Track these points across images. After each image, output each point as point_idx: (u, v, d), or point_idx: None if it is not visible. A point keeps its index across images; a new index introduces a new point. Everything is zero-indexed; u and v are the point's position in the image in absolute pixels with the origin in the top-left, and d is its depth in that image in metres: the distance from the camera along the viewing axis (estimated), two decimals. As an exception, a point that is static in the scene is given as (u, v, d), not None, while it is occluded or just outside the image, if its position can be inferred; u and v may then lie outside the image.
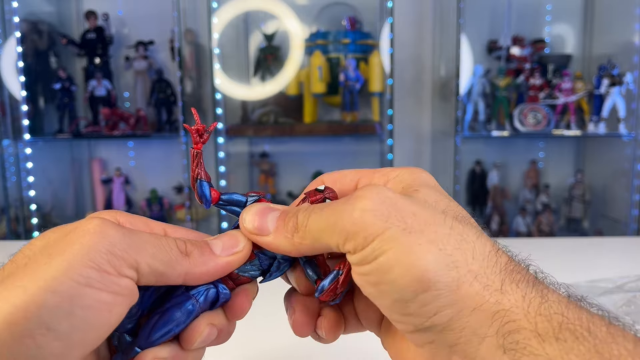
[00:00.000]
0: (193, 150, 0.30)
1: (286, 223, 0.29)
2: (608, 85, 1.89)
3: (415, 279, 0.24)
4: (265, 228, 0.29)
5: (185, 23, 2.01)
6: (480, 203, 2.16)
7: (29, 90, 2.00)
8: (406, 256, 0.25)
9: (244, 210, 0.30)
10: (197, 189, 0.30)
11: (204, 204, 0.31)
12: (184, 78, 1.99)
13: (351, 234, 0.26)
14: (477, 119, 2.02)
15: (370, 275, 0.26)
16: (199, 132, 0.30)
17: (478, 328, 0.24)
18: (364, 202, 0.26)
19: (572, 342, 0.22)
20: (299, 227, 0.28)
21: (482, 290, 0.24)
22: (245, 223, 0.30)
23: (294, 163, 2.26)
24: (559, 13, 2.15)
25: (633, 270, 0.67)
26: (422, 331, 0.25)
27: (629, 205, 1.93)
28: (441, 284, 0.24)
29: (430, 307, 0.24)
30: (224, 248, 0.29)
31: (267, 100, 2.11)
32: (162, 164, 2.24)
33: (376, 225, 0.25)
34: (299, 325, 0.31)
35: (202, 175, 0.30)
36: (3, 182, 2.02)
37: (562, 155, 2.24)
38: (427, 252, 0.25)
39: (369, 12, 2.13)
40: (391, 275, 0.25)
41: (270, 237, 0.29)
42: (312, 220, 0.28)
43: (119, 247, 0.25)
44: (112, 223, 0.26)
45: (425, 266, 0.24)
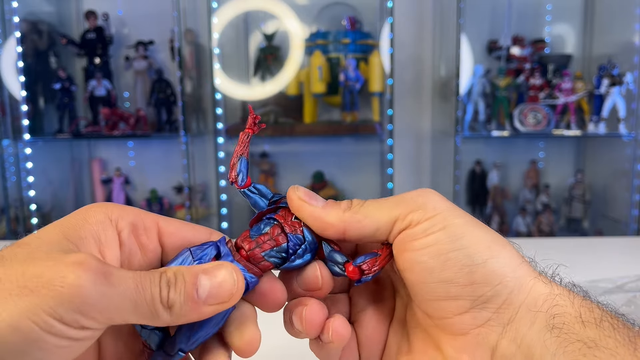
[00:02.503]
0: (244, 133, 0.32)
1: (338, 202, 0.30)
2: (608, 85, 1.89)
3: (487, 245, 0.27)
4: (315, 200, 0.30)
5: (185, 23, 2.00)
6: (480, 203, 2.16)
7: (29, 90, 1.99)
8: (475, 228, 0.28)
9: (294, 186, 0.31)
10: (237, 166, 0.31)
11: (239, 180, 0.31)
12: (184, 78, 1.99)
13: (418, 205, 0.28)
14: (477, 119, 2.02)
15: (435, 245, 0.27)
16: (255, 120, 0.32)
17: (533, 305, 0.26)
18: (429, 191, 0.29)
19: (610, 331, 0.24)
20: (353, 205, 0.30)
21: (539, 275, 0.27)
22: (297, 189, 0.30)
23: (294, 163, 2.26)
24: (559, 13, 2.15)
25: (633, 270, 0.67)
26: (479, 307, 0.27)
27: (629, 205, 1.93)
28: (505, 256, 0.27)
29: (497, 275, 0.26)
30: (210, 295, 0.26)
31: (267, 100, 2.11)
32: (162, 164, 2.24)
33: (443, 204, 0.28)
34: (312, 317, 0.30)
35: (246, 154, 0.32)
36: (3, 182, 2.02)
37: (562, 155, 2.23)
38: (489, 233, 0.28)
39: (369, 12, 2.13)
40: (462, 241, 0.27)
41: (319, 208, 0.30)
42: (369, 202, 0.29)
43: (90, 306, 0.23)
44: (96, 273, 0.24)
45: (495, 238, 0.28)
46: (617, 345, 0.24)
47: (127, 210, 0.30)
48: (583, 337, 0.24)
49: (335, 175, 2.23)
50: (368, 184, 2.20)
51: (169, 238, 0.30)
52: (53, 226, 0.27)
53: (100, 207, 0.29)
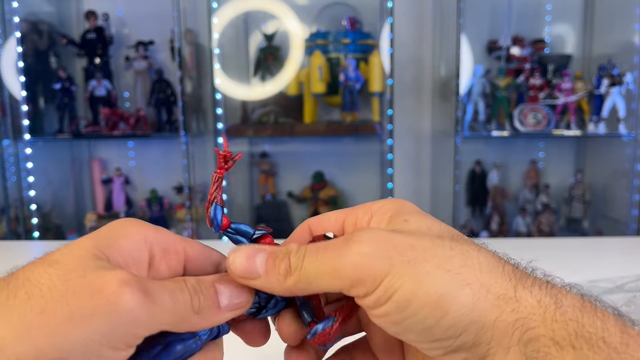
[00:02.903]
0: (215, 174, 0.31)
1: (277, 265, 0.28)
2: (608, 85, 1.89)
3: (433, 306, 0.25)
4: (255, 271, 0.28)
5: (185, 23, 2.01)
6: (480, 203, 2.16)
7: (29, 90, 2.00)
8: (419, 287, 0.25)
9: (231, 252, 0.30)
10: (211, 212, 0.31)
11: (214, 228, 0.31)
12: (184, 78, 1.99)
13: (357, 280, 0.26)
14: (477, 119, 2.02)
15: (389, 315, 0.26)
16: (225, 158, 0.31)
17: (502, 338, 0.24)
18: (361, 246, 0.26)
19: (587, 350, 0.23)
20: (292, 269, 0.28)
21: (498, 300, 0.25)
22: (233, 267, 0.29)
23: (294, 163, 2.26)
24: (559, 13, 2.15)
25: (633, 270, 0.67)
26: (453, 352, 0.26)
27: (629, 205, 1.93)
28: (458, 304, 0.25)
29: (455, 329, 0.25)
30: (231, 300, 0.28)
31: (267, 100, 2.11)
32: (162, 164, 2.24)
33: (380, 266, 0.26)
34: None
35: (219, 199, 0.31)
36: (3, 182, 2.02)
37: (562, 155, 2.24)
38: (437, 278, 0.25)
39: (369, 12, 2.13)
40: (409, 309, 0.25)
41: (261, 280, 0.28)
42: (307, 263, 0.27)
43: (140, 326, 0.24)
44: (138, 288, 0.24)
45: (440, 292, 0.25)
46: None
47: (162, 234, 0.29)
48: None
49: (335, 175, 2.23)
50: (368, 184, 2.20)
51: (190, 262, 0.31)
52: (86, 239, 0.27)
53: (138, 227, 0.29)
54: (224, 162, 0.31)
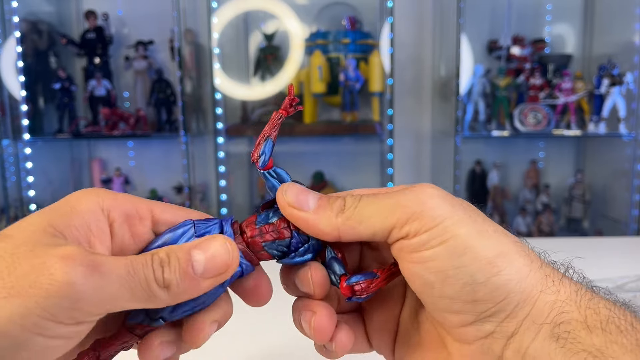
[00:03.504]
0: (278, 113, 0.30)
1: (331, 203, 0.28)
2: (608, 85, 1.89)
3: (489, 261, 0.25)
4: (306, 204, 0.28)
5: (185, 23, 2.00)
6: (480, 203, 2.14)
7: (28, 90, 1.99)
8: (479, 239, 0.25)
9: (285, 184, 0.29)
10: (262, 146, 0.30)
11: (260, 162, 0.30)
12: (183, 78, 1.99)
13: (417, 214, 0.26)
14: (477, 119, 2.02)
15: (435, 260, 0.25)
16: (292, 102, 0.31)
17: (538, 316, 0.25)
18: (429, 189, 0.27)
19: (616, 334, 0.23)
20: (347, 207, 0.27)
21: (545, 279, 0.26)
22: (285, 195, 0.28)
23: (294, 163, 2.25)
24: (559, 13, 2.15)
25: (633, 270, 0.67)
26: (482, 321, 0.25)
27: (629, 205, 1.93)
28: (514, 268, 0.25)
29: (501, 292, 0.25)
30: (206, 269, 0.26)
31: (267, 100, 2.10)
32: (162, 164, 2.24)
33: (444, 207, 0.26)
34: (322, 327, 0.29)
35: (274, 137, 0.31)
36: (3, 182, 2.02)
37: (562, 155, 2.23)
38: (498, 238, 0.26)
39: (369, 12, 2.13)
40: (464, 258, 0.25)
41: (309, 213, 0.28)
42: (364, 203, 0.27)
43: (84, 301, 0.22)
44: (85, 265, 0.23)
45: (499, 250, 0.25)
46: (623, 352, 0.23)
47: (120, 199, 0.28)
48: (588, 346, 0.23)
49: (335, 175, 2.23)
50: (368, 184, 2.20)
51: (163, 226, 0.29)
52: (39, 214, 0.25)
53: (92, 195, 0.27)
54: (290, 105, 0.31)
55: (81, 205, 0.26)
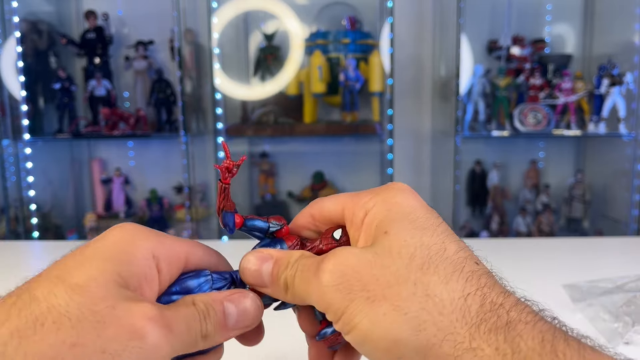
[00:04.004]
0: (221, 184, 0.31)
1: (277, 280, 0.30)
2: (608, 85, 1.89)
3: (386, 349, 0.25)
4: (262, 282, 0.30)
5: (185, 23, 2.00)
6: (480, 203, 2.16)
7: (28, 90, 2.00)
8: (374, 329, 0.25)
9: (242, 261, 0.31)
10: (222, 218, 0.32)
11: (228, 231, 0.32)
12: (183, 78, 1.99)
13: (324, 309, 0.27)
14: (477, 119, 2.02)
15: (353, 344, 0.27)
16: (228, 169, 0.31)
17: None
18: (326, 275, 0.27)
19: None
20: (288, 286, 0.29)
21: (453, 350, 0.24)
22: (244, 278, 0.31)
23: (294, 163, 2.26)
24: (559, 13, 2.15)
25: (633, 270, 0.67)
26: None
27: (629, 205, 1.93)
28: (411, 352, 0.25)
29: None
30: (237, 321, 0.29)
31: (267, 100, 2.11)
32: (162, 164, 2.24)
33: (340, 300, 0.26)
34: None
35: (227, 207, 0.31)
36: (3, 182, 2.02)
37: (562, 155, 2.23)
38: (393, 322, 0.25)
39: (369, 12, 2.13)
40: (365, 347, 0.26)
41: (268, 290, 0.30)
42: (296, 284, 0.29)
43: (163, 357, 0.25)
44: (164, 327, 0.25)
45: (394, 336, 0.25)
46: None
47: (168, 245, 0.29)
48: None
49: (335, 175, 2.23)
50: (368, 184, 2.20)
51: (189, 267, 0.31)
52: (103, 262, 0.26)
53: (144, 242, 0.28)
54: (228, 173, 0.31)
55: (138, 253, 0.28)
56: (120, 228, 0.28)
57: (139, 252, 0.28)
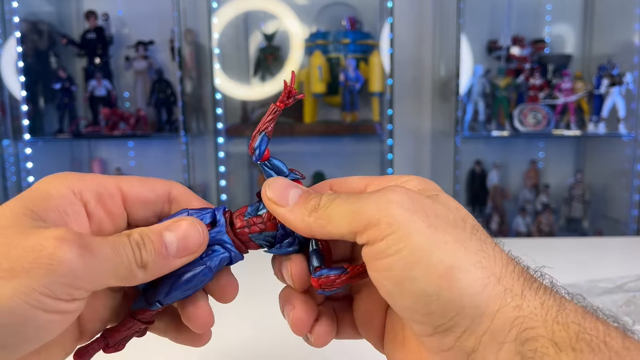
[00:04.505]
0: (275, 105, 0.31)
1: (308, 200, 0.28)
2: (608, 85, 1.89)
3: (441, 274, 0.24)
4: (285, 200, 0.29)
5: (185, 23, 2.00)
6: (480, 203, 2.16)
7: (29, 90, 2.00)
8: (432, 251, 0.24)
9: (271, 179, 0.30)
10: (257, 140, 0.31)
11: (255, 156, 0.31)
12: (184, 78, 1.99)
13: (374, 221, 0.25)
14: (477, 119, 2.02)
15: (391, 270, 0.25)
16: (290, 93, 0.31)
17: (498, 333, 0.24)
18: (391, 194, 0.26)
19: (588, 353, 0.22)
20: (320, 207, 0.28)
21: (504, 293, 0.24)
22: (267, 190, 0.30)
23: (294, 163, 2.22)
24: (559, 13, 2.15)
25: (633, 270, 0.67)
26: (441, 334, 0.25)
27: (629, 205, 1.93)
28: (467, 281, 0.24)
29: (454, 306, 0.24)
30: (178, 249, 0.28)
31: (267, 100, 2.11)
32: (162, 164, 2.24)
33: (402, 215, 0.25)
34: (299, 322, 0.31)
35: (268, 131, 0.31)
36: (3, 182, 2.02)
37: (562, 155, 2.24)
38: (453, 249, 0.24)
39: (369, 12, 2.13)
40: (416, 270, 0.24)
41: (287, 210, 0.29)
42: (335, 204, 0.27)
43: (80, 278, 0.24)
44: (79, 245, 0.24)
45: (452, 262, 0.24)
46: None
47: (89, 180, 0.29)
48: None
49: (335, 176, 2.20)
50: (368, 184, 2.20)
51: (133, 201, 0.31)
52: (14, 201, 0.27)
53: (61, 180, 0.28)
54: (287, 97, 0.31)
55: (54, 191, 0.28)
56: (44, 177, 0.29)
57: (53, 189, 0.28)
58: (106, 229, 0.30)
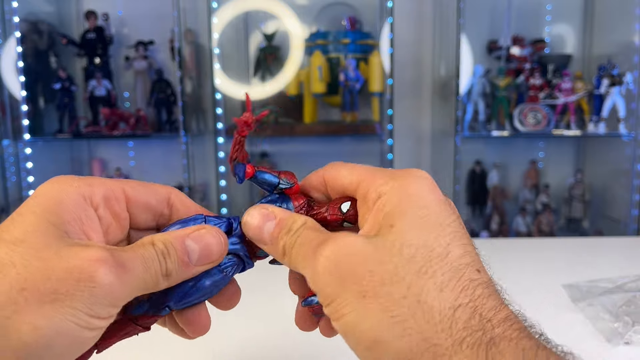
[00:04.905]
0: (238, 136, 0.31)
1: (277, 242, 0.30)
2: (608, 85, 1.89)
3: (368, 347, 0.25)
4: (262, 239, 0.30)
5: (185, 23, 2.00)
6: (480, 203, 2.16)
7: (29, 90, 1.99)
8: (359, 324, 0.25)
9: (246, 214, 0.31)
10: (234, 168, 0.32)
11: (238, 179, 0.32)
12: (184, 78, 1.99)
13: (316, 289, 0.27)
14: (477, 119, 2.02)
15: (339, 332, 0.27)
16: (247, 123, 0.31)
17: None
18: (322, 261, 0.27)
19: None
20: (286, 252, 0.29)
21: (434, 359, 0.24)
22: (245, 230, 0.31)
23: (293, 163, 2.26)
24: (559, 13, 2.15)
25: (633, 270, 0.67)
26: None
27: (629, 205, 1.93)
28: (392, 354, 0.25)
29: None
30: (200, 258, 0.29)
31: (267, 100, 2.11)
32: (162, 164, 2.24)
33: (332, 287, 0.26)
34: (300, 322, 0.33)
35: (240, 158, 0.32)
36: (3, 182, 2.02)
37: (562, 155, 2.24)
38: (379, 321, 0.25)
39: (369, 12, 2.13)
40: (349, 339, 0.26)
41: (267, 248, 0.31)
42: (294, 253, 0.29)
43: (118, 297, 0.26)
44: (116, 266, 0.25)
45: (377, 336, 0.25)
46: None
47: (97, 185, 0.30)
48: None
49: (335, 175, 2.22)
50: (368, 184, 2.20)
51: (135, 205, 0.32)
52: (32, 214, 0.27)
53: (69, 186, 0.29)
54: (247, 127, 0.31)
55: (65, 197, 0.28)
56: (47, 182, 0.29)
57: (66, 197, 0.28)
58: (113, 232, 0.31)
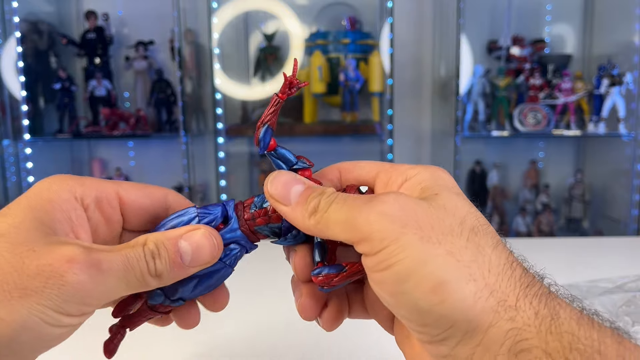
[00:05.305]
0: (277, 97, 0.31)
1: (308, 201, 0.28)
2: (608, 85, 1.90)
3: (431, 290, 0.24)
4: (287, 199, 0.29)
5: (185, 23, 2.01)
6: (480, 203, 2.13)
7: (29, 90, 2.00)
8: (423, 266, 0.24)
9: (273, 174, 0.30)
10: (261, 132, 0.31)
11: (260, 147, 0.31)
12: (184, 78, 1.99)
13: (366, 235, 0.25)
14: (477, 119, 2.02)
15: (385, 284, 0.25)
16: (291, 84, 0.31)
17: (491, 345, 0.24)
18: (383, 205, 0.26)
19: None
20: (319, 210, 0.28)
21: (497, 306, 0.24)
22: (269, 187, 0.30)
23: (294, 163, 2.26)
24: (559, 13, 2.15)
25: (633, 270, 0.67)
26: (438, 343, 0.25)
27: (628, 205, 1.93)
28: (458, 296, 0.24)
29: (446, 320, 0.24)
30: (193, 259, 0.29)
31: (267, 100, 2.11)
32: (162, 164, 2.24)
33: (392, 230, 0.25)
34: (305, 309, 0.32)
35: (272, 122, 0.31)
36: (3, 182, 2.02)
37: (562, 155, 2.24)
38: (445, 263, 0.24)
39: (369, 12, 2.13)
40: (408, 284, 0.24)
41: (288, 209, 0.29)
42: (332, 210, 0.27)
43: (90, 297, 0.25)
44: (89, 266, 0.25)
45: (443, 277, 0.24)
46: None
47: (89, 185, 0.30)
48: None
49: (335, 175, 2.22)
50: (368, 184, 2.20)
51: (129, 208, 0.31)
52: (21, 210, 0.27)
53: (62, 184, 0.29)
54: (289, 88, 0.31)
55: (57, 197, 0.28)
56: (41, 180, 0.29)
57: (57, 196, 0.28)
58: (102, 233, 0.31)
